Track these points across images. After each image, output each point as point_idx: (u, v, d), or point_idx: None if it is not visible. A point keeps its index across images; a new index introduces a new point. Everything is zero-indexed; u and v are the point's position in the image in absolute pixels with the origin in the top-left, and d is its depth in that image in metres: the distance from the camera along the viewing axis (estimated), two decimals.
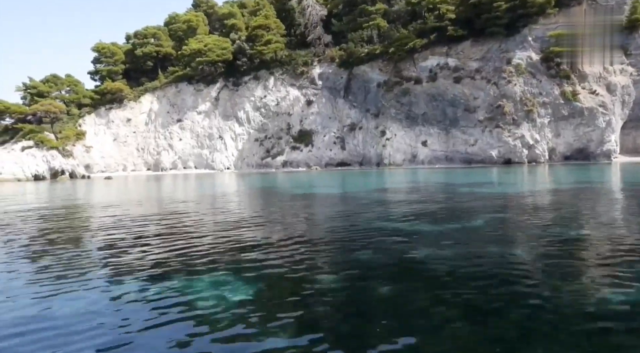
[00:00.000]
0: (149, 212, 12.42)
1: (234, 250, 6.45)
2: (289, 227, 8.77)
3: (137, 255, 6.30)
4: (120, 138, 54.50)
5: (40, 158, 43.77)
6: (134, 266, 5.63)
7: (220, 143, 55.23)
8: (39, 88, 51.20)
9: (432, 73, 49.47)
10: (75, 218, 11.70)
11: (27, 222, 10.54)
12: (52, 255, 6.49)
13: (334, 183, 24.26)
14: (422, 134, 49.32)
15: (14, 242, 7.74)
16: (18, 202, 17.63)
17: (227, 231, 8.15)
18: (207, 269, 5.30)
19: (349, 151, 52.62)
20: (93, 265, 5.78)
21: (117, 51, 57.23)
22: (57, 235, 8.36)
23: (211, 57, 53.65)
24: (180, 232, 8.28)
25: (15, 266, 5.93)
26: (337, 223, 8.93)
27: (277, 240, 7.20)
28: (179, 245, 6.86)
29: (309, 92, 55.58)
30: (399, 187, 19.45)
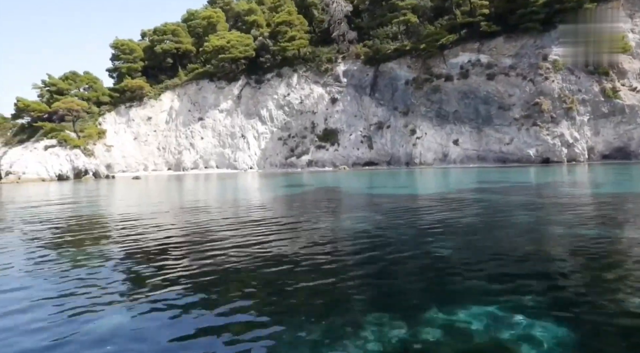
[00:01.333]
0: (231, 221, 11.06)
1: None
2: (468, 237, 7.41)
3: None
4: (140, 136, 53.15)
5: (64, 157, 42.42)
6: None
7: (242, 142, 53.90)
8: (58, 85, 49.82)
9: (464, 70, 48.15)
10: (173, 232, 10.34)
11: (111, 239, 9.14)
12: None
13: (395, 183, 22.89)
14: (454, 133, 48.02)
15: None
16: (66, 206, 16.27)
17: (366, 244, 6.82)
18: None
19: (377, 151, 51.28)
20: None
21: (136, 48, 55.85)
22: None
23: (234, 53, 52.32)
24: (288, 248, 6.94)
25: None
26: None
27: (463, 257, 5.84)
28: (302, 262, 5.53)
29: (334, 90, 54.26)
30: (476, 187, 18.05)
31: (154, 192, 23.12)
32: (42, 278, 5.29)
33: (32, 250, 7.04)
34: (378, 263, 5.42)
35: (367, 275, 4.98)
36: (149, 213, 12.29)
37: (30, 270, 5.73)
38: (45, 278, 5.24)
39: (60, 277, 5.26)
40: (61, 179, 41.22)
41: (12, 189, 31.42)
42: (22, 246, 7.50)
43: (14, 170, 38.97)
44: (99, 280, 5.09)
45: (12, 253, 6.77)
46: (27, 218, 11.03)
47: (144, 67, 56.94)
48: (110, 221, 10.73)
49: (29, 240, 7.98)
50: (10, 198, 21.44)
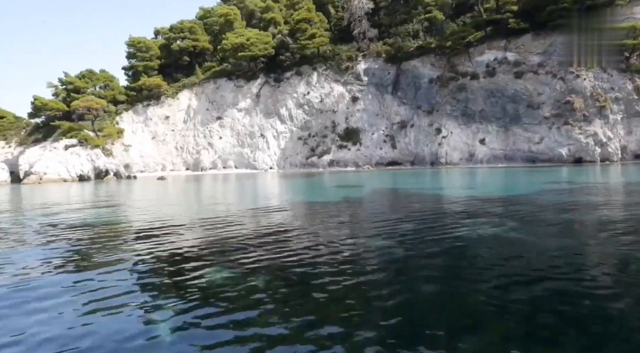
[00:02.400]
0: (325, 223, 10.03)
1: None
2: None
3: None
4: (158, 136, 52.11)
5: (85, 157, 41.35)
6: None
7: (262, 142, 52.90)
8: (75, 84, 48.73)
9: (490, 68, 47.25)
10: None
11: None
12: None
13: (447, 183, 21.91)
14: (480, 132, 47.11)
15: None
16: (121, 214, 15.24)
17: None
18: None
19: (400, 150, 50.33)
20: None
21: (152, 46, 54.78)
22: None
23: (254, 51, 51.33)
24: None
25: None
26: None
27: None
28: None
29: (354, 89, 53.31)
30: (552, 188, 17.03)
31: (201, 194, 22.09)
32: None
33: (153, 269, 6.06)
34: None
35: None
36: (228, 214, 11.27)
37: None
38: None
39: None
40: (82, 180, 40.16)
41: (38, 191, 30.38)
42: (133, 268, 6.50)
43: (35, 170, 37.90)
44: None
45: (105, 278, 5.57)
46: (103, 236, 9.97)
47: (160, 65, 55.87)
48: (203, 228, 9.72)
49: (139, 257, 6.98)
50: (45, 200, 20.38)
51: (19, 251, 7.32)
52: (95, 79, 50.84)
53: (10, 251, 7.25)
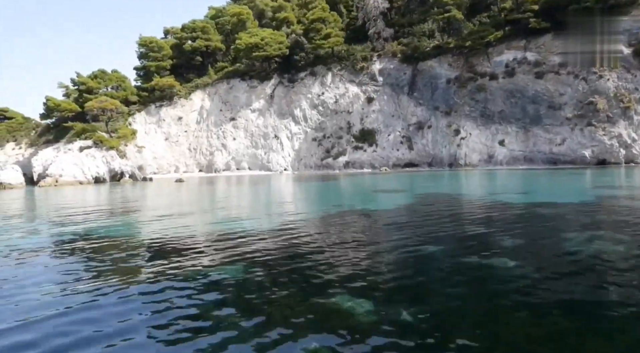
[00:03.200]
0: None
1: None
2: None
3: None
4: (171, 137, 51.40)
5: (100, 159, 40.64)
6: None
7: (276, 143, 52.20)
8: (88, 84, 47.98)
9: (509, 68, 46.58)
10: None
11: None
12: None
13: (490, 187, 21.17)
14: (499, 133, 46.45)
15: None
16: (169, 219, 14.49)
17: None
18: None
19: (417, 151, 49.63)
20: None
21: (164, 46, 54.06)
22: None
23: (268, 51, 50.63)
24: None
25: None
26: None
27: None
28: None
29: (369, 89, 52.61)
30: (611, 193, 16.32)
31: (235, 197, 21.37)
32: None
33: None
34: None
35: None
36: (283, 223, 10.55)
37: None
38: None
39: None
40: (97, 182, 39.45)
41: (57, 194, 29.68)
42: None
43: (51, 173, 37.15)
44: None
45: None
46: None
47: (171, 65, 55.14)
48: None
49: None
50: (69, 205, 19.65)
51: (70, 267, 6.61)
52: (107, 79, 50.11)
53: (55, 266, 6.53)
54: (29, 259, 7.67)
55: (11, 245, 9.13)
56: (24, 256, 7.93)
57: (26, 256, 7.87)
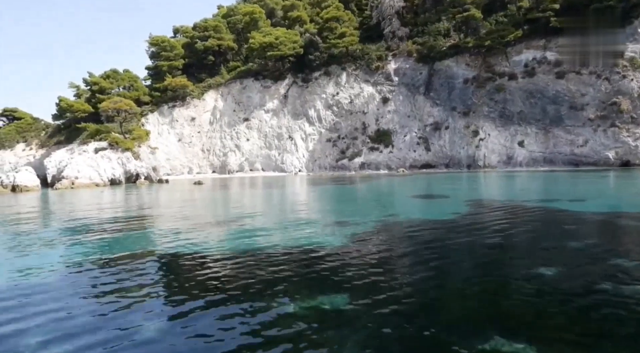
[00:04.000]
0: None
1: None
2: None
3: None
4: (184, 138, 50.67)
5: (116, 161, 39.91)
6: None
7: (290, 144, 51.49)
8: (100, 84, 47.21)
9: (529, 68, 45.92)
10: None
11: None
12: None
13: (537, 191, 20.47)
14: (518, 134, 45.79)
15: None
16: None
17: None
18: None
19: (435, 153, 48.93)
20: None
21: (176, 45, 53.25)
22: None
23: (283, 51, 49.90)
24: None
25: None
26: None
27: None
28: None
29: (385, 89, 51.90)
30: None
31: (272, 203, 20.67)
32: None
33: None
34: None
35: None
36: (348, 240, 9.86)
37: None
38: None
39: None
40: (113, 184, 38.74)
41: (78, 197, 28.98)
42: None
43: (67, 175, 36.42)
44: None
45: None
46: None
47: (183, 65, 54.35)
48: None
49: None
50: (102, 208, 18.95)
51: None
52: (119, 79, 49.33)
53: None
54: (90, 272, 6.99)
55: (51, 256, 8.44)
56: (83, 269, 7.25)
57: (88, 272, 7.20)
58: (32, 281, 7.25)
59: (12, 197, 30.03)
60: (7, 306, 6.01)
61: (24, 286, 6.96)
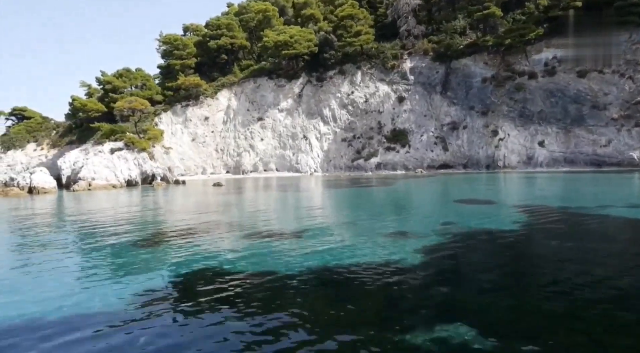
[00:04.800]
0: None
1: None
2: None
3: None
4: (198, 138, 50.00)
5: (132, 162, 39.24)
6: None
7: (304, 144, 50.81)
8: (113, 83, 46.51)
9: (549, 67, 45.21)
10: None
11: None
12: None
13: (588, 195, 19.80)
14: (539, 134, 45.10)
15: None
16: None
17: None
18: None
19: (452, 152, 48.23)
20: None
21: (188, 43, 52.51)
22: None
23: (298, 49, 49.17)
24: None
25: None
26: None
27: None
28: None
29: (400, 88, 51.18)
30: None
31: (305, 208, 20.01)
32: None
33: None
34: None
35: None
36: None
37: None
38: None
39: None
40: (130, 185, 38.09)
41: (101, 200, 28.35)
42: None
43: (83, 176, 35.77)
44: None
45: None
46: None
47: (196, 63, 53.63)
48: None
49: None
50: (133, 212, 18.27)
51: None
52: (132, 78, 48.61)
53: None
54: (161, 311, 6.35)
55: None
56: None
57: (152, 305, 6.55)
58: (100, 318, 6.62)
59: (32, 200, 29.38)
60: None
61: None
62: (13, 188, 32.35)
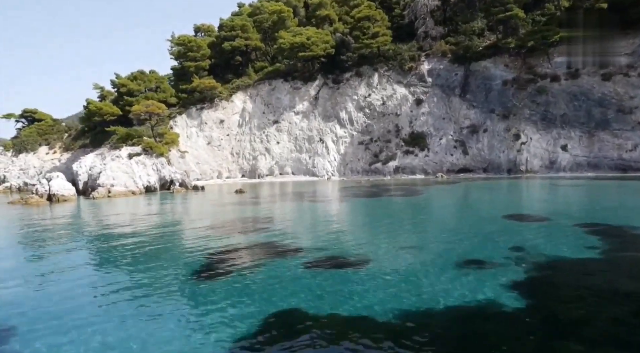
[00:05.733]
0: None
1: None
2: None
3: None
4: (214, 141, 49.25)
5: (151, 167, 38.53)
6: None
7: (321, 147, 50.06)
8: (128, 86, 45.74)
9: (572, 69, 44.36)
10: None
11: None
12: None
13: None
14: (561, 138, 44.33)
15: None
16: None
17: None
18: None
19: (472, 156, 47.46)
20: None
21: (202, 45, 51.68)
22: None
23: (315, 51, 48.40)
24: None
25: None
26: None
27: None
28: None
29: (418, 91, 50.37)
30: None
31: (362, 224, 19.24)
32: None
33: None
34: None
35: None
36: None
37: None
38: None
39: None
40: (148, 191, 37.39)
41: (129, 209, 27.65)
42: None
43: (102, 182, 35.06)
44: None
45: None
46: None
47: (210, 65, 52.85)
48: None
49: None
50: (179, 226, 17.47)
51: None
52: (147, 80, 47.83)
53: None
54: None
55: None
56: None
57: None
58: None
59: (55, 209, 28.68)
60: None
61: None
62: (33, 195, 31.61)
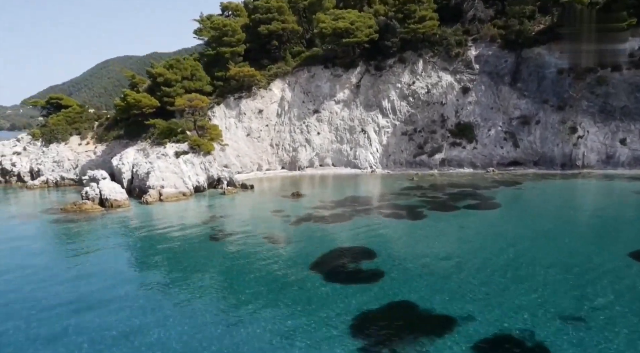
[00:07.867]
0: None
1: None
2: None
3: None
4: (253, 132, 47.35)
5: (199, 166, 36.92)
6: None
7: (363, 137, 48.21)
8: (165, 76, 43.41)
9: (635, 58, 42.03)
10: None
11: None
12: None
13: None
14: (620, 131, 42.59)
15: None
16: None
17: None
18: None
19: (523, 149, 45.71)
20: None
21: (237, 29, 48.76)
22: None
23: (359, 37, 45.77)
24: None
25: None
26: None
27: None
28: None
29: (465, 78, 47.99)
30: None
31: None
32: None
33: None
34: None
35: None
36: None
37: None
38: None
39: None
40: (197, 192, 35.95)
41: (198, 216, 26.31)
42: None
43: (152, 184, 33.56)
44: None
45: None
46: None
47: (245, 50, 50.11)
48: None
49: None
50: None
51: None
52: (182, 68, 45.37)
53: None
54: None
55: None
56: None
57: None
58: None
59: (118, 219, 27.33)
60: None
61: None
62: (85, 201, 30.22)
